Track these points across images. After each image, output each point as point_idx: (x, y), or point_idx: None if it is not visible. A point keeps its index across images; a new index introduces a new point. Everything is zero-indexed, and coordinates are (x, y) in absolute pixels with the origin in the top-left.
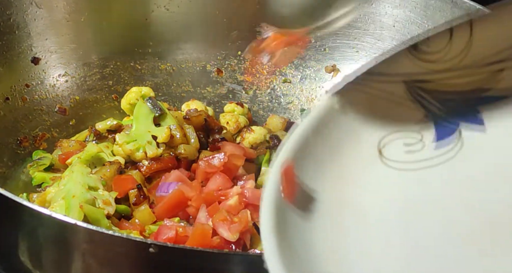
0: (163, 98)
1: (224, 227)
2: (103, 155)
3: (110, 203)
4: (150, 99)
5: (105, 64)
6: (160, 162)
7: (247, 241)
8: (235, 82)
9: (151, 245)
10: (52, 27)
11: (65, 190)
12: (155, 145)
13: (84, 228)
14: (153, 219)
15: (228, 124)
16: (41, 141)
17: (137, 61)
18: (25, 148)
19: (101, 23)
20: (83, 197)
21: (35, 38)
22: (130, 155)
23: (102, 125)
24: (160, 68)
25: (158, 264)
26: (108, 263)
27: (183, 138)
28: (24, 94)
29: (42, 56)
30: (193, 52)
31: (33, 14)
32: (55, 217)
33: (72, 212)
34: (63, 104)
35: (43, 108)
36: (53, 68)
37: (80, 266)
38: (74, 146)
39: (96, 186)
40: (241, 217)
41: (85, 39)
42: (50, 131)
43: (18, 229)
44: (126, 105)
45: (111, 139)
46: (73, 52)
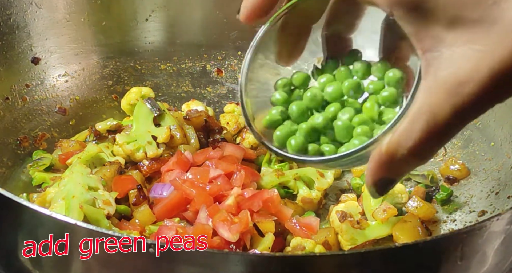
0: (163, 98)
1: (224, 227)
2: (103, 155)
3: (110, 203)
4: (149, 100)
5: (105, 64)
6: (160, 162)
7: (247, 241)
8: (235, 82)
9: (151, 245)
10: (52, 27)
11: (65, 190)
12: (155, 145)
13: (84, 228)
14: (153, 219)
15: (228, 124)
16: (41, 141)
17: (137, 61)
18: (25, 148)
19: (101, 23)
20: (83, 197)
21: (35, 38)
22: (130, 155)
23: (102, 126)
24: (160, 68)
25: (158, 265)
26: (108, 263)
27: (183, 138)
28: (24, 94)
29: (42, 56)
30: (193, 52)
31: (33, 14)
32: (55, 217)
33: (72, 212)
34: (63, 104)
35: (43, 108)
36: (53, 68)
37: (80, 266)
38: (74, 146)
39: (96, 186)
40: (242, 217)
41: (85, 39)
42: (50, 131)
43: (18, 229)
44: (126, 105)
45: (111, 139)
46: (73, 52)
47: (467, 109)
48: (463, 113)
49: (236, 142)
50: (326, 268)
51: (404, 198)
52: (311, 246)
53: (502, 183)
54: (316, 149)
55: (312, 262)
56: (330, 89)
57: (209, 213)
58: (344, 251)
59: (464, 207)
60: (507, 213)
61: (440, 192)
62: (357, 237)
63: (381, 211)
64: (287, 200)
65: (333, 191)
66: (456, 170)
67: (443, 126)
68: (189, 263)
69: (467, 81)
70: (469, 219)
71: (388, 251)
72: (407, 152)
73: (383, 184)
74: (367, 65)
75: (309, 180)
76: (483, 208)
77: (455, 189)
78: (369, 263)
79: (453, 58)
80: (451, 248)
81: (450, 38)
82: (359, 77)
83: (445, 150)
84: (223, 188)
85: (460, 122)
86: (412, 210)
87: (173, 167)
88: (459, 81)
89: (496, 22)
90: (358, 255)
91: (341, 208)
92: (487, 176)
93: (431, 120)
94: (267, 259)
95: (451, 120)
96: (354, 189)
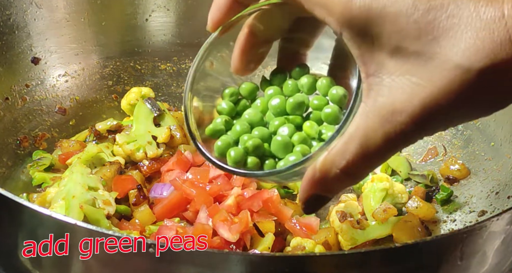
0: (163, 98)
1: (224, 227)
2: (103, 155)
3: (110, 203)
4: (149, 100)
5: (105, 64)
6: (160, 162)
7: (247, 241)
8: None
9: (151, 245)
10: (52, 27)
11: (65, 190)
12: (155, 145)
13: (84, 228)
14: (153, 219)
15: None
16: (41, 141)
17: (137, 61)
18: (25, 148)
19: (101, 23)
20: (83, 197)
21: (35, 38)
22: (130, 155)
23: (102, 126)
24: (160, 68)
25: (158, 265)
26: (108, 263)
27: (183, 138)
28: (24, 94)
29: (42, 56)
30: (193, 52)
31: (33, 14)
32: (55, 217)
33: (72, 212)
34: (63, 104)
35: (43, 108)
36: (53, 68)
37: (80, 266)
38: (74, 146)
39: (96, 186)
40: (242, 217)
41: (85, 39)
42: (50, 131)
43: (18, 229)
44: (126, 105)
45: (111, 139)
46: (73, 52)
47: (398, 137)
48: (394, 140)
49: None
50: (326, 268)
51: (404, 198)
52: (311, 246)
53: (502, 183)
54: (255, 162)
55: (312, 262)
56: (275, 103)
57: (209, 213)
58: (344, 251)
59: (464, 207)
60: (507, 213)
61: (440, 192)
62: (357, 237)
63: (381, 211)
64: (287, 200)
65: None
66: (456, 170)
67: (374, 150)
68: (189, 263)
69: (400, 111)
70: (469, 219)
71: (388, 251)
72: (340, 171)
73: (314, 201)
74: (313, 81)
75: None
76: (483, 208)
77: (455, 189)
78: (369, 263)
79: (392, 86)
80: (451, 248)
81: (391, 66)
82: (305, 92)
83: (445, 150)
84: (223, 188)
85: (390, 149)
86: (412, 210)
87: (173, 167)
88: (394, 109)
89: (433, 57)
90: (358, 255)
91: (341, 208)
92: (487, 176)
93: (364, 144)
94: (267, 259)
95: (382, 146)
96: (354, 189)
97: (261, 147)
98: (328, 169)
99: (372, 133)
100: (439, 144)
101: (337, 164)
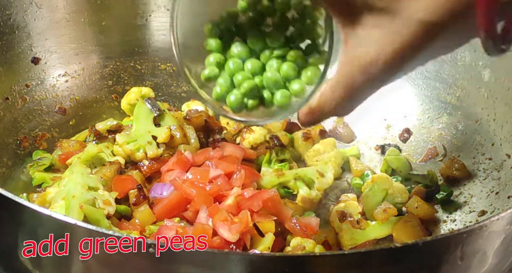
0: (163, 98)
1: (224, 227)
2: (103, 155)
3: (110, 203)
4: (149, 100)
5: (105, 64)
6: (160, 162)
7: (247, 241)
8: None
9: (151, 245)
10: (52, 27)
11: (65, 190)
12: (155, 145)
13: (84, 228)
14: (153, 219)
15: (228, 124)
16: (41, 141)
17: (137, 61)
18: (25, 148)
19: (101, 23)
20: (83, 197)
21: (35, 38)
22: (130, 155)
23: (102, 126)
24: (160, 68)
25: (158, 265)
26: (108, 263)
27: (183, 138)
28: (24, 94)
29: (42, 56)
30: None
31: (33, 14)
32: (55, 217)
33: (72, 212)
34: (63, 104)
35: (43, 108)
36: (53, 68)
37: (80, 266)
38: (74, 146)
39: (96, 186)
40: (242, 217)
41: (85, 39)
42: (50, 131)
43: (18, 229)
44: (126, 105)
45: (111, 139)
46: (73, 52)
47: (375, 81)
48: (372, 82)
49: (236, 141)
50: (326, 268)
51: (404, 198)
52: (311, 246)
53: (502, 183)
54: (254, 104)
55: (312, 262)
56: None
57: (209, 213)
58: (344, 251)
59: (464, 207)
60: (507, 213)
61: (440, 192)
62: (357, 237)
63: (381, 211)
64: (287, 200)
65: (333, 191)
66: (456, 170)
67: (357, 92)
68: (189, 263)
69: (376, 59)
70: (469, 219)
71: (388, 251)
72: (332, 108)
73: (311, 123)
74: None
75: (309, 180)
76: (483, 208)
77: (455, 189)
78: (369, 263)
79: (367, 38)
80: (451, 248)
81: (363, 20)
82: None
83: (445, 150)
84: (223, 188)
85: (370, 90)
86: (412, 210)
87: (173, 167)
88: (371, 58)
89: (399, 13)
90: (358, 255)
91: (341, 208)
92: (487, 176)
93: (348, 88)
94: (267, 259)
95: (363, 88)
96: (354, 189)
97: (256, 88)
98: (322, 107)
99: (353, 80)
100: (439, 144)
101: (328, 104)
